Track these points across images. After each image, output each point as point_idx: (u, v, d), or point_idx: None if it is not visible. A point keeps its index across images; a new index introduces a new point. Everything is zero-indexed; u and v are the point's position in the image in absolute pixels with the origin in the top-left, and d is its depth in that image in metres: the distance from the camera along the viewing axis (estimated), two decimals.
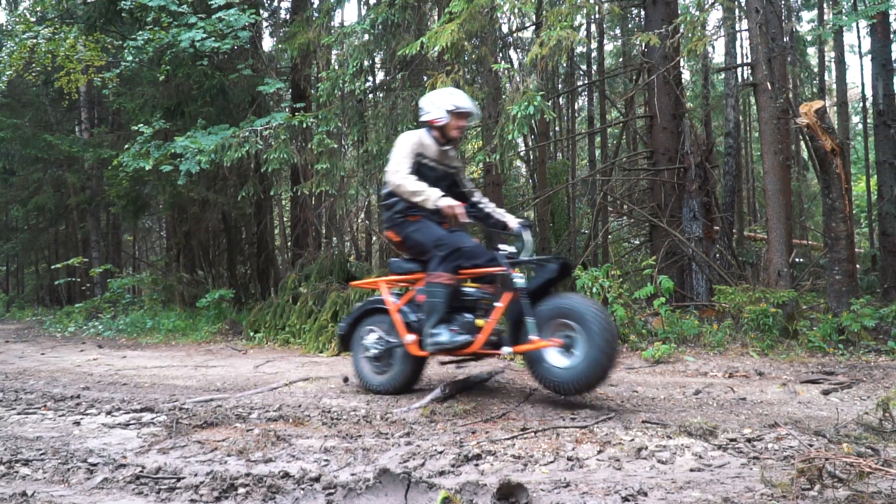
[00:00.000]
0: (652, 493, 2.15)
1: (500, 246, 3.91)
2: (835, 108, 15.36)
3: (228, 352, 7.53)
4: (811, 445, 2.56)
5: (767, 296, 6.24)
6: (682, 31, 7.42)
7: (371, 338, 4.27)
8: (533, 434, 3.01)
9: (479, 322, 3.90)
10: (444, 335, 3.83)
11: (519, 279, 3.73)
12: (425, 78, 7.76)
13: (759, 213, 17.29)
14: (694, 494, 2.13)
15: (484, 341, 3.83)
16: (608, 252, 12.25)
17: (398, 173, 3.98)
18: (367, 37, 8.32)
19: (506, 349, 3.82)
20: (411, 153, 4.07)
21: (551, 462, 2.58)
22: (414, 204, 4.00)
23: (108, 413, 3.76)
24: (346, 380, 4.92)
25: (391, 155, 4.09)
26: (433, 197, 3.90)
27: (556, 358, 3.62)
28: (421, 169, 4.08)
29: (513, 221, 4.19)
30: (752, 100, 12.88)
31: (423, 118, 4.19)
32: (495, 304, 3.93)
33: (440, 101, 4.12)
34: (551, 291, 3.80)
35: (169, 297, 12.11)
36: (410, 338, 4.01)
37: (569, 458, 2.61)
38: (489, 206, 4.36)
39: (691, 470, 2.44)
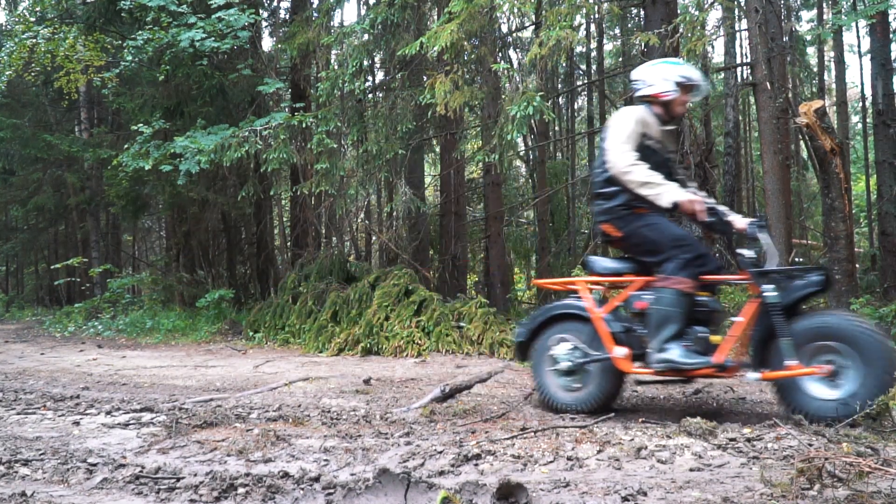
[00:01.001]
0: (652, 493, 2.15)
1: (742, 251, 3.33)
2: (834, 107, 15.36)
3: (228, 352, 7.53)
4: (811, 445, 2.56)
5: None
6: (681, 30, 7.41)
7: (562, 348, 3.62)
8: (533, 434, 3.01)
9: (714, 338, 3.32)
10: (677, 352, 3.22)
11: (771, 291, 3.16)
12: (425, 78, 7.76)
13: (759, 213, 17.25)
14: (693, 494, 2.13)
15: (720, 363, 3.25)
16: (608, 252, 12.25)
17: (624, 157, 3.34)
18: (366, 37, 8.32)
19: (751, 374, 3.20)
20: (635, 133, 3.41)
21: (551, 462, 2.58)
22: (640, 195, 3.39)
23: (108, 413, 3.75)
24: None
25: (608, 134, 3.46)
26: (669, 192, 3.28)
27: (818, 388, 3.03)
28: (644, 152, 3.43)
29: (741, 222, 3.44)
30: (752, 99, 12.88)
31: (642, 92, 3.57)
32: (733, 318, 3.38)
33: (666, 72, 3.51)
34: (803, 307, 3.25)
35: (169, 297, 12.10)
36: (621, 351, 3.40)
37: (568, 458, 2.61)
38: (708, 201, 3.55)
39: (691, 470, 2.44)
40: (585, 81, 15.87)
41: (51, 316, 13.29)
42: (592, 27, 14.85)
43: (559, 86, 14.86)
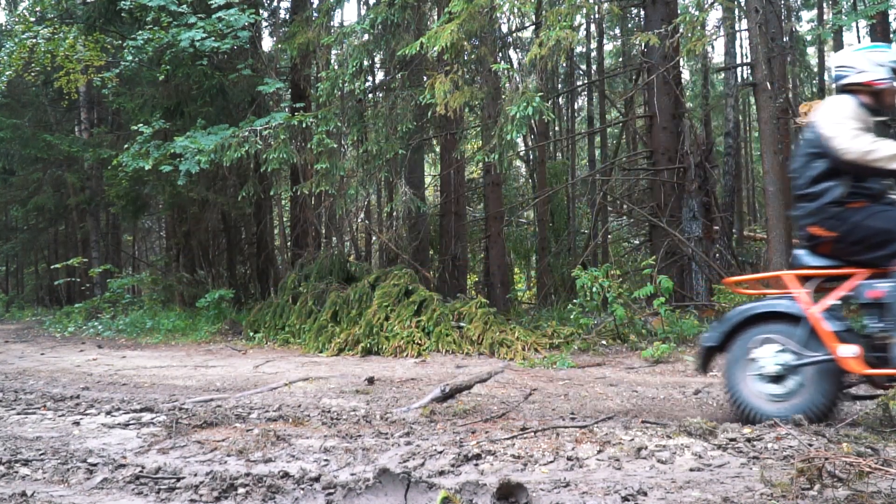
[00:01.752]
0: (652, 493, 2.15)
1: None
2: None
3: (228, 352, 7.53)
4: (811, 445, 2.56)
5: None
6: (681, 30, 7.42)
7: (767, 350, 3.12)
8: (533, 434, 3.01)
9: None
10: None
11: None
12: (425, 78, 7.76)
13: (759, 213, 17.30)
14: (693, 494, 2.13)
15: None
16: (608, 252, 12.28)
17: (861, 139, 2.94)
18: (366, 37, 8.32)
19: None
20: (857, 119, 3.05)
21: (551, 462, 2.58)
22: (856, 189, 3.05)
23: (108, 413, 3.75)
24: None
25: (824, 124, 3.08)
26: None
27: None
28: None
29: None
30: (752, 100, 12.88)
31: (851, 80, 3.16)
32: None
33: (879, 58, 3.11)
34: None
35: (169, 297, 12.11)
36: (849, 350, 2.91)
37: (568, 458, 2.61)
38: None
39: (691, 470, 2.44)
40: (585, 81, 15.88)
41: (51, 316, 13.29)
42: (592, 27, 14.87)
43: (559, 86, 14.87)
